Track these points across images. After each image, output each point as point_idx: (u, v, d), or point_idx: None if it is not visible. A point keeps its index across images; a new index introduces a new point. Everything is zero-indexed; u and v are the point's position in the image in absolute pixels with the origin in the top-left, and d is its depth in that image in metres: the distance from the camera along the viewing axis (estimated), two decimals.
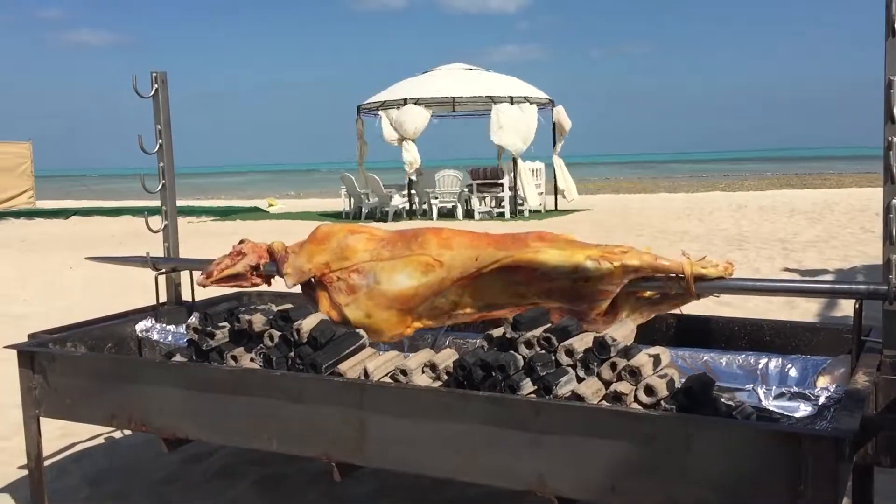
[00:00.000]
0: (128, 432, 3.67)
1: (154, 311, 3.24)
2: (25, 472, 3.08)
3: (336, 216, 18.04)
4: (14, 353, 2.76)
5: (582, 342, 2.24)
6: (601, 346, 2.20)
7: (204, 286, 2.95)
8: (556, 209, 18.09)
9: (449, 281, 2.52)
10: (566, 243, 2.41)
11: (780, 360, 2.46)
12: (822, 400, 2.09)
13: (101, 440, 3.74)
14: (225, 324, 2.73)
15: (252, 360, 2.62)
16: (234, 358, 2.63)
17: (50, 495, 2.87)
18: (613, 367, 2.16)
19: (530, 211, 17.22)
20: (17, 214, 20.87)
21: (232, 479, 3.25)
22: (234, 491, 3.15)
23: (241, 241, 2.95)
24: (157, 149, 3.26)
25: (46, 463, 3.17)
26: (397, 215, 16.88)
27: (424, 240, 2.60)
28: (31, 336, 2.92)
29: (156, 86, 3.23)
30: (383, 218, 16.68)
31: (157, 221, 3.36)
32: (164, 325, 3.20)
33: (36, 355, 2.70)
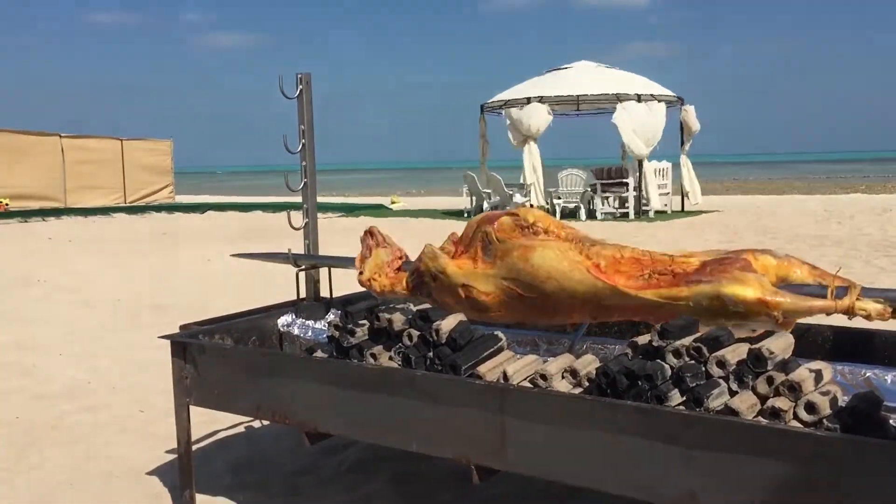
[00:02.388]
0: (265, 422, 3.79)
1: (294, 307, 3.33)
2: (173, 457, 3.23)
3: (458, 214, 18.15)
4: (161, 343, 2.90)
5: (735, 354, 2.14)
6: (757, 359, 2.08)
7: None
8: (682, 210, 17.56)
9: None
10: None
11: None
12: None
13: (241, 429, 3.88)
14: (364, 322, 2.77)
15: (391, 358, 2.65)
16: (374, 356, 2.66)
17: (195, 480, 3.00)
18: (770, 381, 2.04)
19: (655, 212, 16.79)
20: (159, 209, 22.12)
21: (366, 474, 3.30)
22: (369, 486, 3.19)
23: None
24: (300, 148, 3.35)
25: (192, 449, 3.31)
26: None
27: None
28: (182, 327, 3.06)
29: (300, 87, 3.31)
30: None
31: (297, 218, 3.45)
32: (304, 320, 3.28)
33: (188, 346, 2.82)
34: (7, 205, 20.55)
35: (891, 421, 2.00)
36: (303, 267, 3.35)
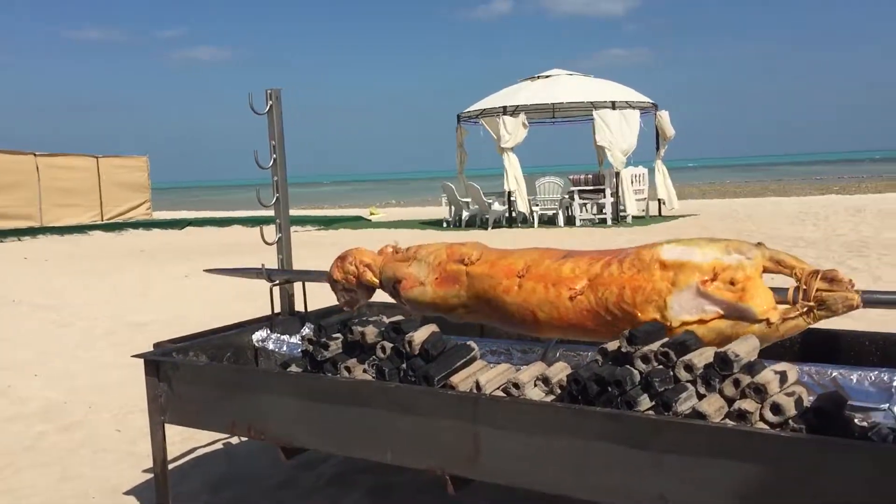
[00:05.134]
0: (243, 439, 3.78)
1: (269, 322, 3.33)
2: (150, 476, 3.22)
3: (437, 224, 18.19)
4: (138, 361, 2.89)
5: (702, 357, 2.16)
6: (723, 362, 2.11)
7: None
8: (659, 215, 17.68)
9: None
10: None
11: None
12: None
13: (219, 445, 3.87)
14: (338, 335, 2.78)
15: (365, 371, 2.66)
16: (348, 369, 2.67)
17: (172, 499, 2.99)
18: (737, 383, 2.07)
19: (633, 217, 16.90)
20: (136, 225, 21.95)
21: (345, 488, 3.30)
22: (349, 499, 3.19)
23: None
24: (271, 163, 3.36)
25: (169, 467, 3.30)
26: (497, 223, 16.86)
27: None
28: (156, 345, 3.05)
29: (270, 102, 3.32)
30: (483, 226, 16.71)
31: (270, 233, 3.46)
32: (279, 335, 3.29)
33: (161, 364, 2.82)
34: None
35: (855, 420, 2.04)
36: (277, 282, 3.35)
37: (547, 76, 17.98)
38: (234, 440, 3.88)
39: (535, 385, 2.41)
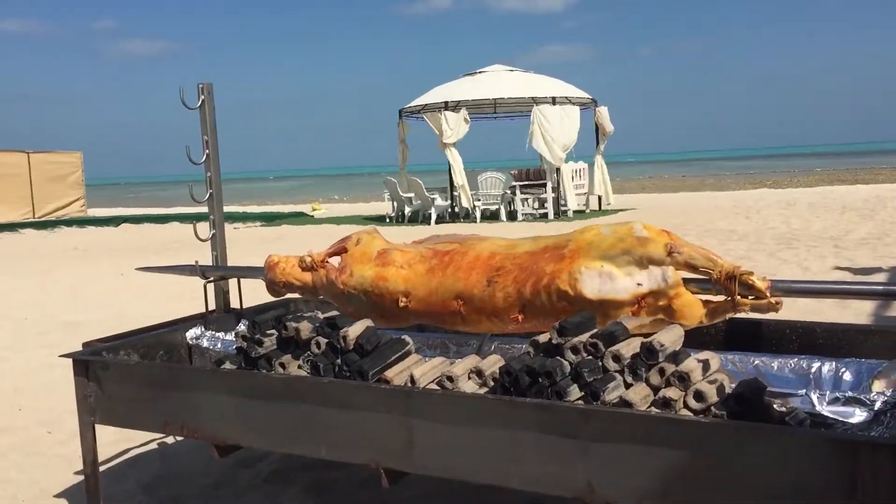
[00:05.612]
0: (180, 437, 3.74)
1: (203, 319, 3.29)
2: (81, 478, 3.15)
3: (380, 220, 18.15)
4: (68, 361, 2.83)
5: (629, 347, 2.22)
6: (649, 352, 2.17)
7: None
8: (599, 209, 17.95)
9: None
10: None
11: (834, 363, 2.40)
12: (878, 405, 2.05)
13: (154, 445, 3.81)
14: (273, 331, 2.77)
15: (300, 367, 2.65)
16: (283, 365, 2.66)
17: (105, 500, 2.94)
18: (662, 372, 2.13)
19: (573, 212, 17.12)
20: (70, 223, 21.38)
21: (283, 484, 3.29)
22: (286, 495, 3.18)
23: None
24: (203, 159, 3.32)
25: (102, 468, 3.24)
26: (440, 218, 16.91)
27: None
28: (85, 345, 2.99)
29: (202, 97, 3.28)
30: (426, 221, 16.73)
31: (204, 229, 3.42)
32: (213, 332, 3.25)
33: (90, 364, 2.77)
34: None
35: (774, 406, 2.11)
36: (211, 279, 3.32)
37: (488, 72, 18.08)
38: (170, 440, 3.83)
39: (469, 378, 2.44)
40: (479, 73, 18.13)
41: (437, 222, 16.54)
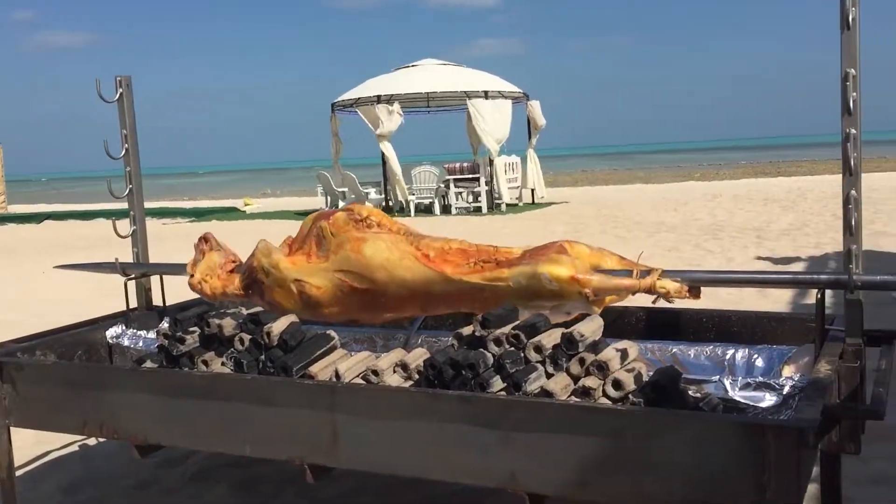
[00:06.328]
0: (103, 439, 3.65)
1: (124, 317, 3.22)
2: None
3: None
4: None
5: (550, 338, 2.26)
6: (569, 342, 2.21)
7: None
8: (533, 202, 18.13)
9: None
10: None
11: (748, 350, 2.49)
12: (786, 389, 2.12)
13: (75, 448, 3.72)
14: (195, 328, 2.72)
15: (223, 364, 2.61)
16: (205, 363, 2.62)
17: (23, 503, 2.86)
18: (582, 362, 2.17)
19: (507, 205, 17.26)
20: None
21: (208, 483, 3.24)
22: (211, 494, 3.15)
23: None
24: (122, 153, 3.24)
25: (19, 472, 3.15)
26: None
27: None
28: None
29: (120, 90, 3.20)
30: None
31: (125, 226, 3.34)
32: (135, 330, 3.19)
33: (4, 365, 2.68)
34: None
35: (689, 392, 2.18)
36: (132, 276, 3.24)
37: (421, 66, 18.07)
38: (92, 442, 3.74)
39: (395, 371, 2.45)
40: (412, 66, 18.11)
41: None
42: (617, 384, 2.10)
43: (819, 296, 2.21)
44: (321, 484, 2.69)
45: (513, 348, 2.25)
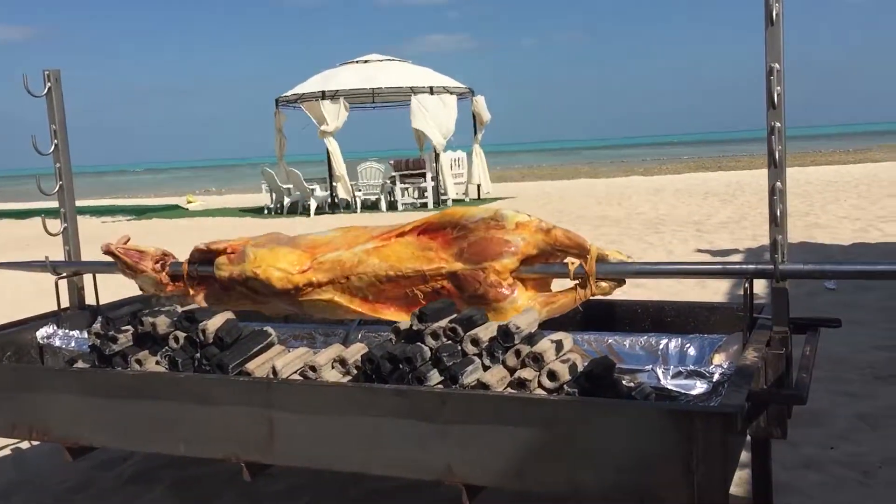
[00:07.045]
0: (37, 442, 3.56)
1: (56, 317, 3.14)
2: None
3: (258, 211, 17.78)
4: None
5: (487, 331, 2.27)
6: (505, 334, 2.23)
7: None
8: (478, 198, 18.20)
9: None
10: None
11: (680, 339, 2.54)
12: (716, 377, 2.17)
13: (7, 451, 3.62)
14: (128, 327, 2.67)
15: (157, 363, 2.57)
16: (139, 361, 2.57)
17: None
18: (517, 354, 2.19)
19: (453, 200, 17.29)
20: None
21: (146, 484, 3.18)
22: (149, 495, 3.09)
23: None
24: (52, 150, 3.16)
25: None
26: (319, 209, 16.72)
27: None
28: None
29: (49, 84, 3.12)
30: (305, 212, 16.51)
31: (56, 224, 3.26)
32: (66, 330, 3.11)
33: None
34: None
35: (623, 381, 2.21)
36: (63, 275, 3.17)
37: (365, 61, 17.97)
38: (25, 445, 3.64)
39: (333, 367, 2.43)
40: (357, 61, 18.00)
41: (316, 213, 16.35)
42: (552, 375, 2.12)
43: (746, 285, 2.26)
44: (265, 482, 2.67)
45: (450, 342, 2.26)
